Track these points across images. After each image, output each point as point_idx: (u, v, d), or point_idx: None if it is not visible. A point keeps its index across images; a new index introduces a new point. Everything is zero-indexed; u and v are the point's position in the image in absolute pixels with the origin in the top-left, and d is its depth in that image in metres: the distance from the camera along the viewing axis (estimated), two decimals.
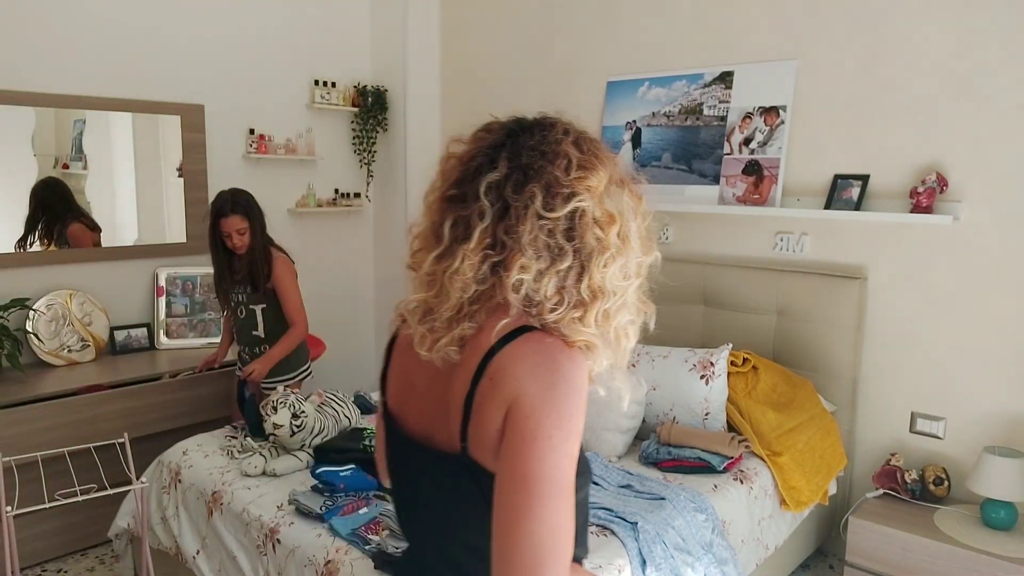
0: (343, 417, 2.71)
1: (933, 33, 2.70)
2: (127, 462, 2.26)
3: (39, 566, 3.04)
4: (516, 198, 0.98)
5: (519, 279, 0.96)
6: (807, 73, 3.01)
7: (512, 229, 0.97)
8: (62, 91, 3.34)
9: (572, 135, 1.04)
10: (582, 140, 1.04)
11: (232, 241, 2.90)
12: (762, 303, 3.09)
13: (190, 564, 2.42)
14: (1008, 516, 2.44)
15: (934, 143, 2.73)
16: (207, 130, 3.80)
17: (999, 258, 2.64)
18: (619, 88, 3.59)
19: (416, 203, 4.41)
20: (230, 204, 2.87)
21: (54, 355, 3.32)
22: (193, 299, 3.74)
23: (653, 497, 2.27)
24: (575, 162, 0.99)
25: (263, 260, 2.95)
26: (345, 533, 2.03)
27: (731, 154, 3.18)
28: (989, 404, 2.70)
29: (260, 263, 2.94)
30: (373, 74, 4.48)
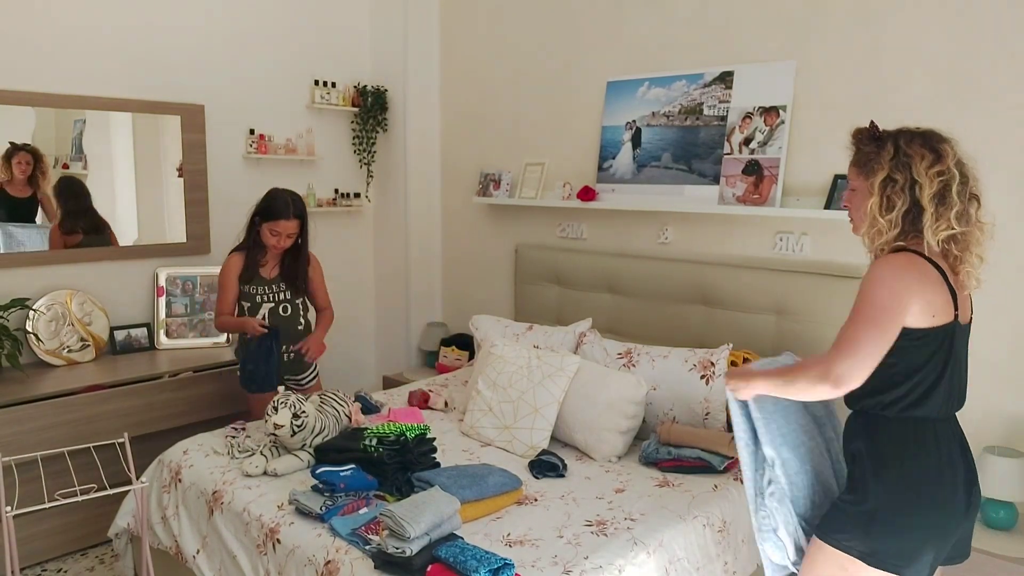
0: (343, 417, 2.71)
1: (933, 33, 2.70)
2: (127, 462, 2.26)
3: (39, 566, 3.04)
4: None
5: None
6: (807, 73, 3.01)
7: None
8: (62, 91, 3.34)
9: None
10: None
11: (279, 241, 2.94)
12: (762, 303, 3.09)
13: (190, 563, 2.42)
14: (1008, 516, 2.45)
15: None
16: (207, 130, 3.81)
17: (999, 258, 2.64)
18: (619, 88, 3.59)
19: (416, 203, 4.43)
20: (291, 208, 2.92)
21: (54, 355, 3.33)
22: (193, 299, 3.75)
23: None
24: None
25: (306, 265, 3.08)
26: (345, 533, 2.03)
27: (731, 154, 3.18)
28: (989, 404, 2.69)
29: (304, 265, 3.07)
30: (373, 74, 4.49)
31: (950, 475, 1.68)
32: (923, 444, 1.68)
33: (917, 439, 1.68)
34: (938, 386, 1.67)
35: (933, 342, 1.65)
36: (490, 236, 4.30)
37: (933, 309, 1.63)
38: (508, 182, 4.03)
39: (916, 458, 1.67)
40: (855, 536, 1.68)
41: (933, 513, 1.66)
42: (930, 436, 1.69)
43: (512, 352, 3.02)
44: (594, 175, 3.68)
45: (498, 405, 2.85)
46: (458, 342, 4.22)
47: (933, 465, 1.67)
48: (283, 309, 3.08)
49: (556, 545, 2.02)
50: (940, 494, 1.67)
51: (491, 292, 4.34)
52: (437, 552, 1.86)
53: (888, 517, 1.66)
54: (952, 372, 1.69)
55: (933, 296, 1.63)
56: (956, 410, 1.75)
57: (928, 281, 1.63)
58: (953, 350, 1.68)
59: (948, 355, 1.67)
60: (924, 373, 1.66)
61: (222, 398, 3.42)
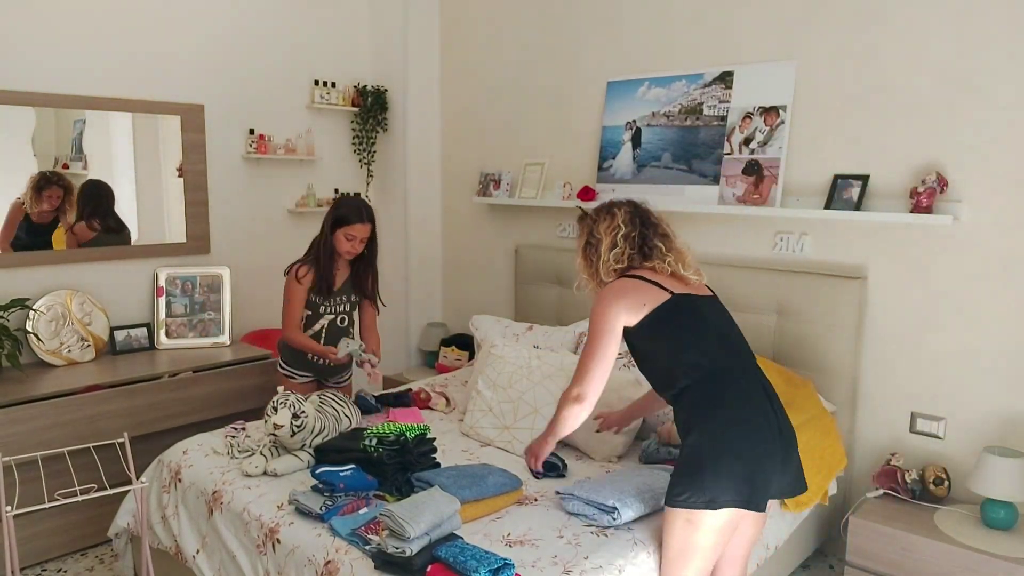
0: (343, 417, 2.71)
1: (933, 33, 2.70)
2: (127, 462, 2.26)
3: (39, 566, 3.04)
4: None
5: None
6: (807, 73, 3.01)
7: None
8: (62, 91, 3.34)
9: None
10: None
11: (354, 246, 2.96)
12: (762, 303, 3.09)
13: (190, 563, 2.42)
14: (1008, 516, 2.45)
15: (934, 143, 2.73)
16: (207, 130, 3.81)
17: (999, 258, 2.64)
18: (619, 88, 3.59)
19: (416, 203, 4.43)
20: (364, 212, 2.96)
21: (54, 355, 3.33)
22: (193, 299, 3.74)
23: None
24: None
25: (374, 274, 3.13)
26: (345, 533, 2.03)
27: (731, 154, 3.18)
28: (989, 404, 2.70)
29: (375, 271, 3.12)
30: (373, 74, 4.49)
31: (758, 417, 1.95)
32: (723, 396, 1.95)
33: (717, 394, 1.96)
34: (699, 344, 1.99)
35: (661, 320, 2.00)
36: (490, 236, 4.30)
37: (642, 300, 2.01)
38: (508, 182, 4.03)
39: (721, 408, 1.94)
40: (691, 491, 1.91)
41: (747, 450, 1.91)
42: (729, 390, 1.96)
43: (512, 352, 3.02)
44: (594, 175, 3.68)
45: (498, 405, 2.85)
46: (458, 342, 4.22)
47: (738, 411, 1.94)
48: (340, 320, 3.08)
49: (556, 545, 2.02)
50: (752, 434, 1.93)
51: (491, 292, 4.34)
52: (437, 552, 1.86)
53: (711, 464, 1.90)
54: (707, 330, 2.02)
55: (635, 296, 2.02)
56: (746, 361, 2.04)
57: (627, 289, 2.04)
58: (696, 314, 2.04)
59: (689, 319, 2.02)
60: (679, 342, 2.00)
61: (222, 398, 3.42)
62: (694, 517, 1.91)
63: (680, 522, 1.94)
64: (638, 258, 2.11)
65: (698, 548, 1.94)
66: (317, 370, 3.13)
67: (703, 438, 1.93)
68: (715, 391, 1.96)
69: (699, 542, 1.93)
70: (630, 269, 2.11)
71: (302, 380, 3.14)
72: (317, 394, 2.74)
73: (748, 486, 1.90)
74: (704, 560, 1.96)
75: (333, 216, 2.95)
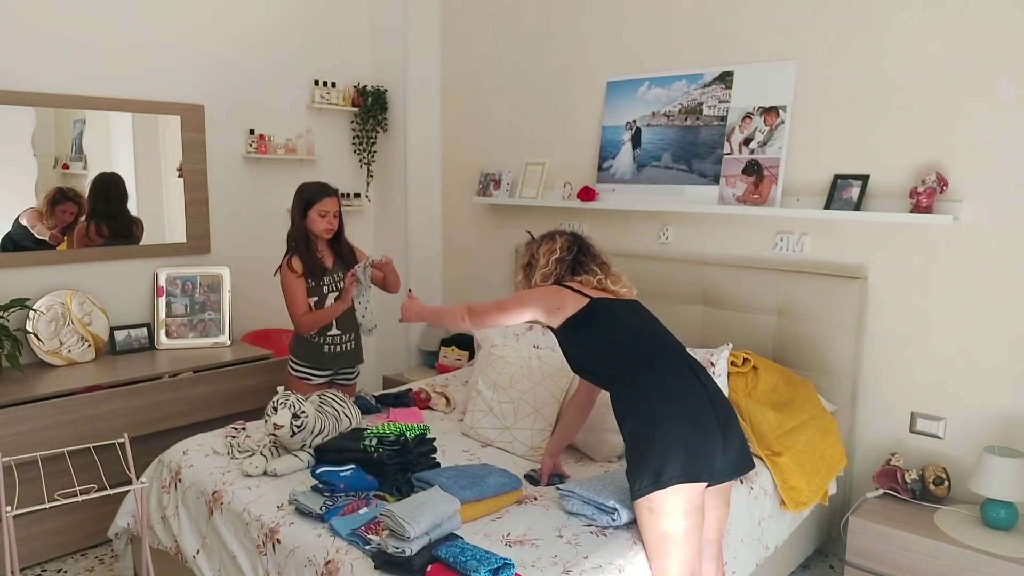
0: (343, 417, 2.71)
1: (933, 33, 2.70)
2: (127, 462, 2.26)
3: (39, 566, 3.04)
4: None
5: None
6: (807, 73, 3.01)
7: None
8: (62, 91, 3.34)
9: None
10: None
11: (328, 221, 3.05)
12: (762, 303, 3.09)
13: (190, 564, 2.42)
14: (1008, 516, 2.45)
15: (934, 143, 2.73)
16: (207, 130, 3.81)
17: (999, 258, 2.64)
18: (619, 88, 3.59)
19: (416, 203, 4.43)
20: (330, 187, 3.09)
21: (54, 355, 3.33)
22: (193, 299, 3.74)
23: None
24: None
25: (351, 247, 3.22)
26: (345, 533, 2.03)
27: (731, 154, 3.18)
28: (989, 404, 2.70)
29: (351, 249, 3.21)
30: (373, 74, 4.49)
31: (684, 390, 2.02)
32: (647, 379, 2.04)
33: (641, 378, 2.05)
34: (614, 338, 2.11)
35: (580, 321, 2.16)
36: (490, 236, 4.30)
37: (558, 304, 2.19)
38: (508, 182, 4.03)
39: (648, 390, 2.03)
40: (642, 478, 1.94)
41: (680, 424, 1.96)
42: (652, 372, 2.05)
43: (512, 352, 3.02)
44: (594, 175, 3.68)
45: (498, 405, 2.85)
46: (458, 342, 4.22)
47: (663, 389, 2.02)
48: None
49: (556, 545, 2.02)
50: (681, 408, 1.98)
51: (491, 292, 4.34)
52: (437, 552, 1.86)
53: (649, 445, 1.95)
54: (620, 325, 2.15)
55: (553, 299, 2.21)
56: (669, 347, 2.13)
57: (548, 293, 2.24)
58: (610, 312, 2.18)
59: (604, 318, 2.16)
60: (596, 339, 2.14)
61: (222, 398, 3.42)
62: (652, 503, 1.93)
63: (643, 513, 1.96)
64: (567, 275, 2.29)
65: (668, 535, 1.94)
66: (335, 358, 3.14)
67: (636, 422, 2.01)
68: (639, 376, 2.05)
69: (668, 529, 1.93)
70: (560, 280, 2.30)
71: (317, 381, 3.13)
72: (317, 394, 2.74)
73: (690, 457, 1.92)
74: (681, 548, 1.95)
75: (302, 201, 3.05)
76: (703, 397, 2.02)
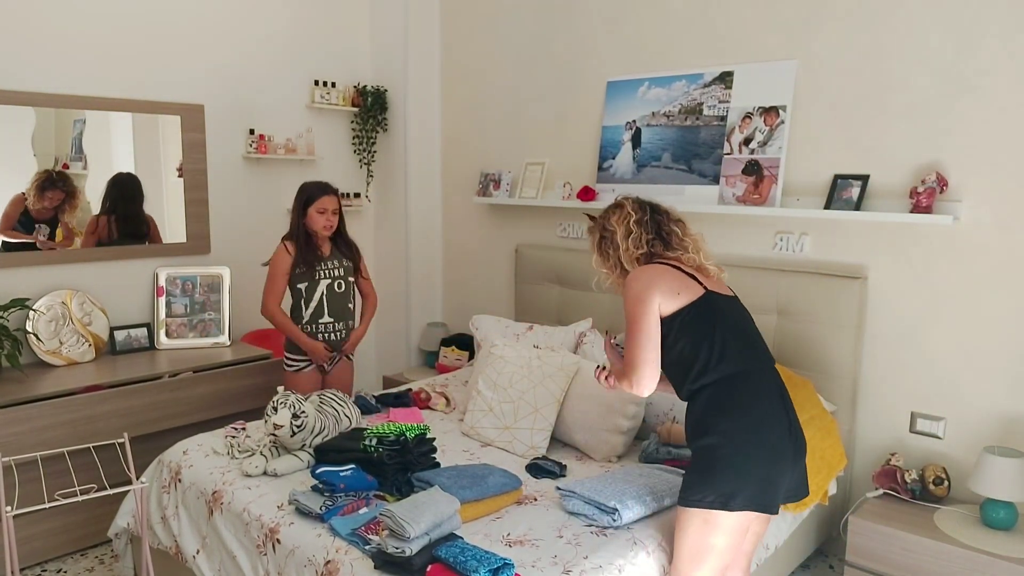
0: (343, 417, 2.71)
1: (933, 33, 2.70)
2: (127, 462, 2.26)
3: (39, 566, 3.04)
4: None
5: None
6: (807, 73, 3.01)
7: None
8: (62, 91, 3.34)
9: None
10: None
11: (327, 219, 3.12)
12: (762, 303, 3.09)
13: (190, 564, 2.42)
14: (1008, 516, 2.44)
15: (934, 143, 2.73)
16: (207, 130, 3.81)
17: (999, 258, 2.64)
18: (619, 88, 3.59)
19: (416, 203, 4.43)
20: (328, 186, 3.17)
21: (54, 355, 3.33)
22: (193, 299, 3.74)
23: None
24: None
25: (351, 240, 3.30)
26: (345, 533, 2.03)
27: (731, 154, 3.18)
28: (989, 404, 2.70)
29: (351, 242, 3.29)
30: (373, 74, 4.49)
31: (772, 420, 1.94)
32: (741, 399, 1.94)
33: (735, 396, 1.94)
34: (724, 346, 1.96)
35: (694, 315, 1.97)
36: (490, 236, 4.30)
37: (677, 289, 1.98)
38: (508, 182, 4.03)
39: (738, 411, 1.93)
40: (707, 492, 1.90)
41: (764, 454, 1.91)
42: (746, 392, 1.95)
43: (512, 352, 3.02)
44: (594, 175, 3.68)
45: (498, 405, 2.85)
46: (458, 342, 4.22)
47: (755, 414, 1.93)
48: (338, 285, 3.20)
49: (556, 545, 2.02)
50: (767, 438, 1.92)
51: (491, 292, 4.34)
52: (437, 552, 1.86)
53: (728, 466, 1.90)
54: (732, 332, 2.00)
55: (671, 282, 2.00)
56: (765, 364, 2.03)
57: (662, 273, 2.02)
58: (723, 314, 2.01)
59: (718, 319, 1.99)
60: (706, 341, 1.95)
61: (222, 398, 3.42)
62: (711, 518, 1.91)
63: (696, 523, 1.93)
64: (659, 244, 2.10)
65: (713, 549, 1.93)
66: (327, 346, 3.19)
67: (721, 439, 1.92)
68: (733, 393, 1.94)
69: (715, 543, 1.93)
70: (654, 257, 2.09)
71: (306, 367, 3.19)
72: (317, 394, 2.74)
73: (763, 488, 1.90)
74: (718, 560, 1.96)
75: (302, 200, 3.13)
76: (784, 427, 1.97)
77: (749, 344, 2.03)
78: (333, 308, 3.18)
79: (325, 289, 3.16)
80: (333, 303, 3.18)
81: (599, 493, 2.16)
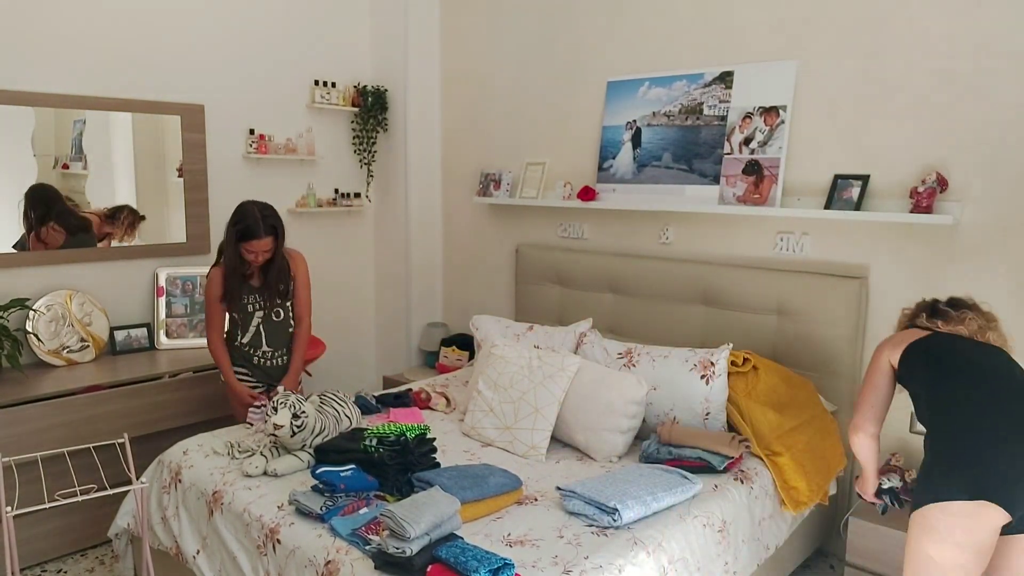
0: (343, 417, 2.71)
1: (933, 33, 2.70)
2: (127, 462, 2.26)
3: (39, 566, 3.04)
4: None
5: None
6: (807, 73, 3.01)
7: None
8: (62, 91, 3.34)
9: None
10: None
11: (256, 258, 2.89)
12: (762, 303, 3.09)
13: (190, 564, 2.42)
14: None
15: (934, 143, 2.73)
16: (207, 130, 3.81)
17: (999, 258, 2.64)
18: (619, 88, 3.59)
19: (416, 203, 4.43)
20: (261, 226, 2.82)
21: (54, 355, 3.33)
22: (193, 299, 3.74)
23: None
24: None
25: (286, 268, 3.02)
26: (345, 533, 2.03)
27: (731, 154, 3.18)
28: None
29: (285, 272, 3.01)
30: (373, 74, 4.49)
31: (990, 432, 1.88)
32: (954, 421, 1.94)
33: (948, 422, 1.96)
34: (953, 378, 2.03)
35: (915, 350, 2.11)
36: (491, 236, 4.30)
37: (900, 340, 2.17)
38: (508, 182, 4.03)
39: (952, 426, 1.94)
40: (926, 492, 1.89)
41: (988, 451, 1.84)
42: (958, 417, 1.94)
43: (513, 352, 3.02)
44: (594, 175, 3.68)
45: (499, 405, 2.85)
46: (458, 342, 4.22)
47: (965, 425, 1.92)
48: (275, 315, 3.05)
49: (556, 545, 2.02)
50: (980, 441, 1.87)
51: (491, 292, 4.34)
52: (437, 552, 1.86)
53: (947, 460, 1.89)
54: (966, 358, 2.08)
55: (895, 339, 2.19)
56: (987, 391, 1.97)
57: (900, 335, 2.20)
58: (953, 347, 2.10)
59: (946, 353, 2.08)
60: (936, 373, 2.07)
61: (222, 398, 3.42)
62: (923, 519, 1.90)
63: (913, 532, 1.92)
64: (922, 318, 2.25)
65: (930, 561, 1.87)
66: (264, 371, 3.10)
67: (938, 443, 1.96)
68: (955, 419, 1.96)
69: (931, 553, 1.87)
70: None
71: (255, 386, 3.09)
72: (317, 394, 2.74)
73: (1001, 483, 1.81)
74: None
75: (235, 231, 2.85)
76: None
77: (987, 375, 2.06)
78: (272, 338, 3.05)
79: (260, 319, 3.02)
80: (272, 333, 3.04)
81: (599, 493, 2.16)
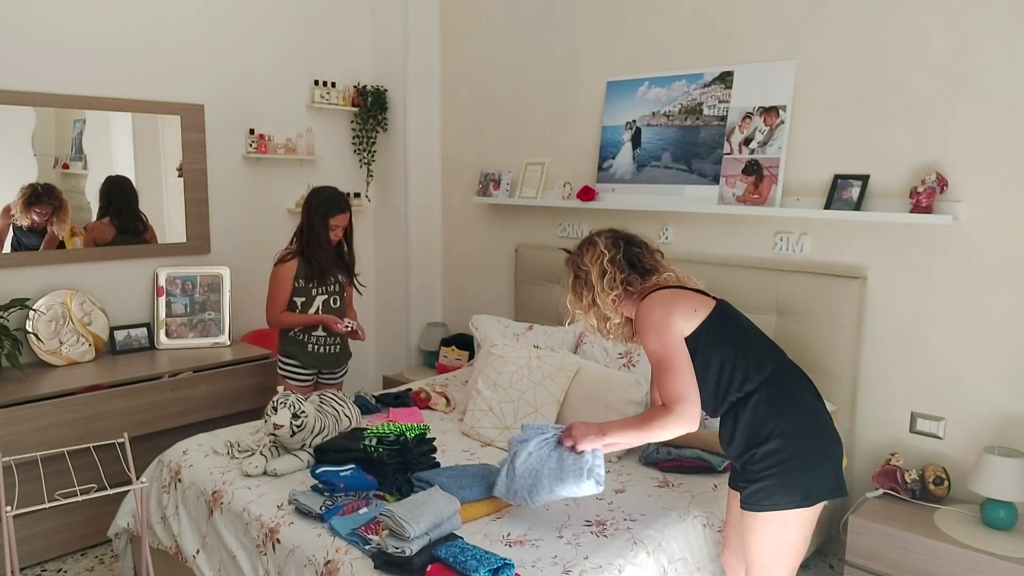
0: (343, 417, 2.71)
1: (933, 33, 2.70)
2: (127, 462, 2.26)
3: (39, 566, 3.04)
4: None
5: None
6: (807, 73, 3.01)
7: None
8: (62, 91, 3.34)
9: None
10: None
11: (336, 234, 3.15)
12: (762, 303, 3.09)
13: (190, 563, 2.42)
14: (1008, 516, 2.44)
15: (934, 143, 2.73)
16: (207, 130, 3.81)
17: (999, 258, 2.64)
18: (619, 88, 3.59)
19: (416, 203, 4.43)
20: (346, 202, 3.17)
21: (54, 355, 3.33)
22: (193, 299, 3.74)
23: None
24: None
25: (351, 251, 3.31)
26: (345, 533, 2.03)
27: (731, 154, 3.18)
28: (989, 404, 2.70)
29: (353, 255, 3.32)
30: (373, 74, 4.49)
31: (820, 405, 1.97)
32: (792, 393, 1.93)
33: (784, 393, 1.93)
34: (753, 347, 1.97)
35: (716, 325, 1.96)
36: (490, 236, 4.30)
37: (693, 306, 1.96)
38: (508, 182, 4.03)
39: (795, 406, 1.92)
40: (786, 495, 1.88)
41: (824, 442, 1.92)
42: (790, 385, 1.95)
43: (512, 352, 3.02)
44: (594, 175, 3.68)
45: (498, 405, 2.85)
46: (458, 342, 4.22)
47: (809, 403, 1.94)
48: (333, 301, 3.22)
49: (556, 545, 2.02)
50: (825, 422, 1.94)
51: (491, 292, 4.34)
52: (437, 552, 1.86)
53: (798, 465, 1.88)
54: (751, 331, 2.02)
55: (684, 302, 1.97)
56: (782, 353, 2.03)
57: (673, 297, 1.98)
58: (737, 317, 2.05)
59: (739, 323, 2.03)
60: (738, 346, 1.95)
61: (222, 398, 3.42)
62: (788, 518, 1.90)
63: (774, 525, 1.91)
64: (636, 278, 2.03)
65: (794, 548, 1.94)
66: (318, 359, 3.21)
67: (787, 440, 1.88)
68: (783, 390, 1.93)
69: (794, 541, 1.93)
70: (642, 290, 2.02)
71: (301, 380, 3.18)
72: (317, 394, 2.74)
73: (834, 474, 1.92)
74: (798, 558, 1.97)
75: (320, 211, 3.10)
76: (826, 410, 1.99)
77: (766, 338, 2.05)
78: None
79: (321, 305, 3.18)
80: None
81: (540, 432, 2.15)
